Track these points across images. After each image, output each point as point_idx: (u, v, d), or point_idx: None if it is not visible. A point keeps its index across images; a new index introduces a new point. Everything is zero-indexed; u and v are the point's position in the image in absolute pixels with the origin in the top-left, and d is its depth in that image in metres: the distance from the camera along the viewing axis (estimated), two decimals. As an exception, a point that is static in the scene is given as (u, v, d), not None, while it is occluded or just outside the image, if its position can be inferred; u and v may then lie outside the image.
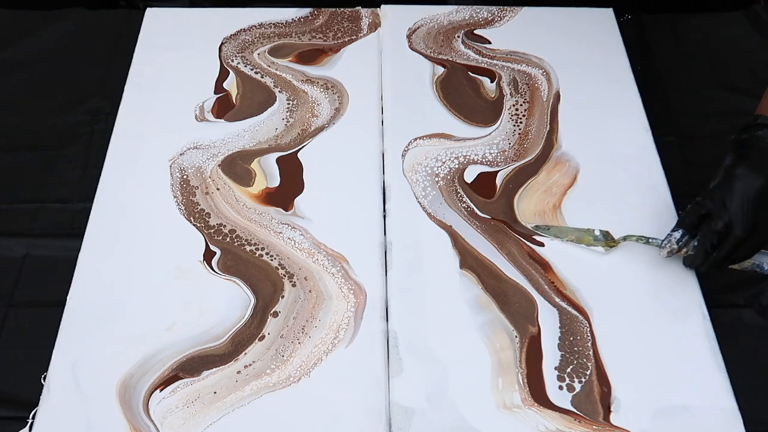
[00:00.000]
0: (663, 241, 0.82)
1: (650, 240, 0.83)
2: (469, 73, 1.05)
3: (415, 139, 0.96)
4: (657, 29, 1.16)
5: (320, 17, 1.13)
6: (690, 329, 0.79)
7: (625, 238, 0.84)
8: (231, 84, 1.03)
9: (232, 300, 0.80)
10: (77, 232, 0.86)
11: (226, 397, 0.73)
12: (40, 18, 1.15)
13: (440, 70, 1.05)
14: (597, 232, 0.85)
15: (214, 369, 0.75)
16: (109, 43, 1.11)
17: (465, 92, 1.02)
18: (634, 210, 0.89)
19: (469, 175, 0.92)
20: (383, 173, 0.93)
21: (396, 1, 1.14)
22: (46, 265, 0.86)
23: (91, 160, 0.96)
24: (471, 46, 1.09)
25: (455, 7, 1.14)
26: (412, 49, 1.08)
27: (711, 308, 0.80)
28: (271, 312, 0.80)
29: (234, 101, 1.01)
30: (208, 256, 0.84)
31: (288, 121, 0.98)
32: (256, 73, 1.05)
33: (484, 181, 0.92)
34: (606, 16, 1.13)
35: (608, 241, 0.84)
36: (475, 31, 1.11)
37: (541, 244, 0.85)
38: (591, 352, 0.77)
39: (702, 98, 1.07)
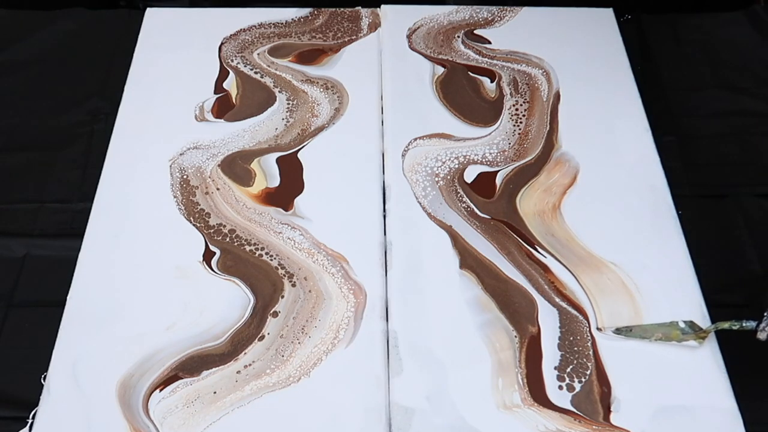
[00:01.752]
0: (760, 324, 0.75)
1: (744, 324, 0.77)
2: (469, 73, 1.05)
3: (415, 139, 0.96)
4: (657, 29, 1.16)
5: (320, 17, 1.13)
6: (690, 329, 0.79)
7: (716, 326, 0.77)
8: (231, 84, 1.03)
9: (232, 300, 0.80)
10: (77, 232, 0.86)
11: (226, 397, 0.73)
12: (40, 18, 1.15)
13: (440, 70, 1.05)
14: (682, 324, 0.78)
15: (214, 369, 0.75)
16: (109, 43, 1.12)
17: (465, 92, 1.02)
18: (634, 210, 0.89)
19: (469, 175, 0.92)
20: (383, 173, 0.93)
21: (396, 1, 1.14)
22: (46, 265, 0.87)
23: (91, 160, 0.96)
24: (471, 46, 1.09)
25: (455, 7, 1.14)
26: (412, 49, 1.08)
27: (711, 308, 0.80)
28: (271, 312, 0.80)
29: (234, 101, 1.01)
30: (207, 256, 0.84)
31: (288, 121, 0.98)
32: (255, 73, 1.05)
33: (484, 181, 0.92)
34: (606, 16, 1.13)
35: (698, 332, 0.77)
36: (475, 31, 1.11)
37: (543, 248, 0.86)
38: (591, 352, 0.77)
39: (702, 98, 1.07)
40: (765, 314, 0.75)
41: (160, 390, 0.73)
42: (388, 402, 0.74)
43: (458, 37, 1.10)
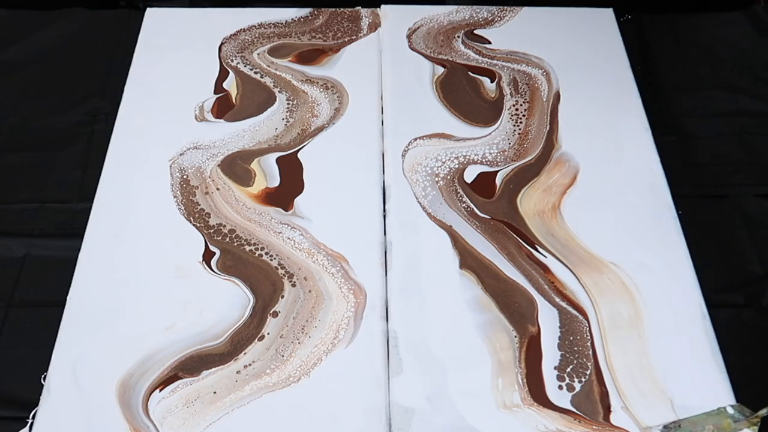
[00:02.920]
0: None
1: None
2: (469, 73, 1.05)
3: (415, 139, 0.96)
4: (657, 29, 1.16)
5: (320, 17, 1.13)
6: (690, 329, 0.79)
7: None
8: (231, 84, 1.03)
9: (232, 300, 0.80)
10: (77, 232, 0.86)
11: (226, 397, 0.73)
12: (40, 18, 1.15)
13: (440, 70, 1.05)
14: (730, 410, 0.73)
15: (214, 369, 0.75)
16: (109, 43, 1.12)
17: (465, 92, 1.02)
18: (634, 210, 0.89)
19: (469, 175, 0.92)
20: (383, 173, 0.93)
21: (396, 1, 1.14)
22: (46, 265, 0.87)
23: (91, 160, 0.97)
24: (471, 46, 1.09)
25: (455, 7, 1.14)
26: (412, 49, 1.08)
27: (711, 308, 0.80)
28: (271, 312, 0.80)
29: (234, 101, 1.01)
30: (207, 256, 0.84)
31: (288, 121, 0.98)
32: (255, 73, 1.05)
33: (484, 181, 0.92)
34: (606, 16, 1.13)
35: (750, 417, 0.72)
36: (475, 31, 1.11)
37: (543, 248, 0.86)
38: (591, 352, 0.77)
39: (702, 98, 1.07)
40: None
41: (160, 390, 0.73)
42: (388, 402, 0.74)
43: (458, 37, 1.10)
